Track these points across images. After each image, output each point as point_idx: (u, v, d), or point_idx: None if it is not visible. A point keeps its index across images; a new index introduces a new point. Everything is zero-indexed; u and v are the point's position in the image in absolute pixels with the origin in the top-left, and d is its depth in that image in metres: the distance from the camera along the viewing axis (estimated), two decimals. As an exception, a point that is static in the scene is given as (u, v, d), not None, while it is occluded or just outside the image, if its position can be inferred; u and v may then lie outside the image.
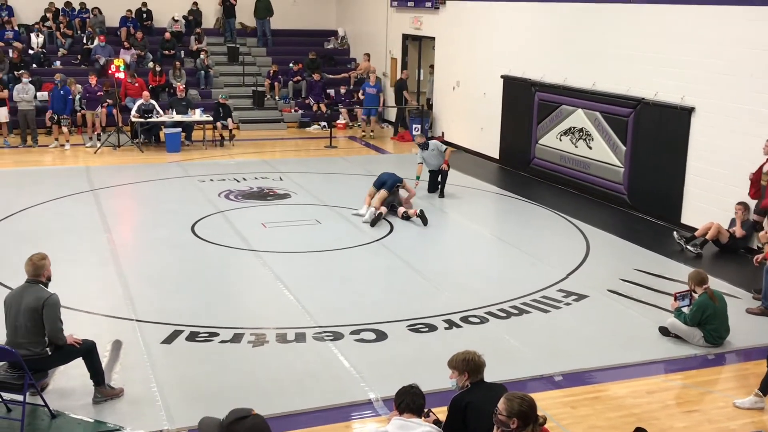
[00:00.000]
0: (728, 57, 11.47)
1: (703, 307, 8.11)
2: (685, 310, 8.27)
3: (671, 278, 10.17)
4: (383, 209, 12.67)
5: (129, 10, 23.44)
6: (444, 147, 14.64)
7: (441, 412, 5.69)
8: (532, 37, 16.10)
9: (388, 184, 12.99)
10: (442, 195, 14.37)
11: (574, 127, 14.88)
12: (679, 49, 12.35)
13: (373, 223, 12.35)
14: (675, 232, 11.70)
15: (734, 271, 10.52)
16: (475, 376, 5.27)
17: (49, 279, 6.71)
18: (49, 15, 22.94)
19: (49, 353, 6.58)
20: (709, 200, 11.89)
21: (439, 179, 14.51)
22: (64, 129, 18.15)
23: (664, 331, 8.43)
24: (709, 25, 11.80)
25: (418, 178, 14.48)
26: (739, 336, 8.42)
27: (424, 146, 14.57)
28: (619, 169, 13.82)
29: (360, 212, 12.80)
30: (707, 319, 8.14)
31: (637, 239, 11.94)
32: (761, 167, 10.65)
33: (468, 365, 5.26)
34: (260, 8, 24.37)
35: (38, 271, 6.60)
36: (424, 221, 12.45)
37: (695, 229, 11.63)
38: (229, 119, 19.10)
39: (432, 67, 20.80)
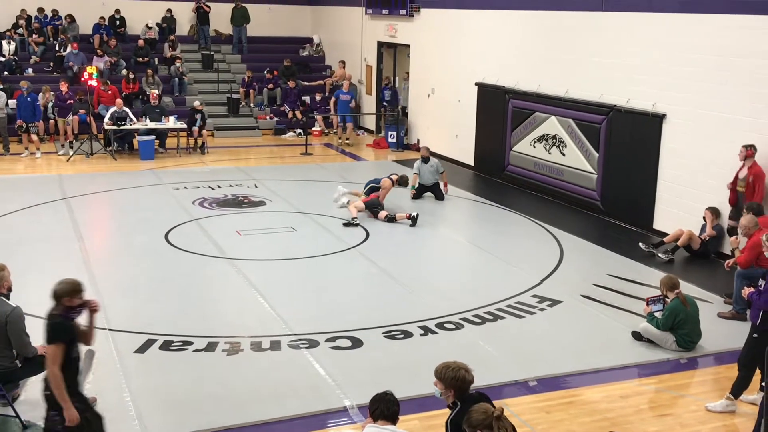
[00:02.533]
0: (699, 64, 11.62)
1: (675, 312, 8.20)
2: (658, 314, 8.36)
3: (644, 283, 10.27)
4: (355, 211, 12.96)
5: (102, 17, 23.31)
6: (442, 168, 14.89)
7: (417, 418, 5.70)
8: (506, 44, 16.22)
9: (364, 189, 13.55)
10: (441, 198, 14.79)
11: (547, 134, 14.99)
12: (650, 57, 12.49)
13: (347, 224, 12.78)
14: (640, 243, 11.73)
15: (706, 276, 10.65)
16: (461, 394, 5.18)
17: (9, 290, 6.56)
18: (21, 22, 22.72)
19: (19, 365, 6.49)
20: (681, 206, 12.02)
21: (432, 193, 14.87)
22: (34, 137, 17.98)
23: (637, 335, 8.51)
24: (679, 33, 11.96)
25: (413, 187, 14.70)
26: (711, 340, 8.52)
27: (425, 159, 14.74)
28: (592, 176, 13.94)
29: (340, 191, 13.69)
30: (679, 324, 8.23)
31: (610, 245, 12.04)
32: (737, 174, 10.76)
33: (456, 383, 5.10)
34: (237, 15, 24.34)
35: None
36: (413, 222, 12.79)
37: (666, 234, 11.73)
38: (204, 130, 19.05)
39: (407, 74, 20.88)
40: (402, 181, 13.82)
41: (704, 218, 11.29)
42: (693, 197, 11.77)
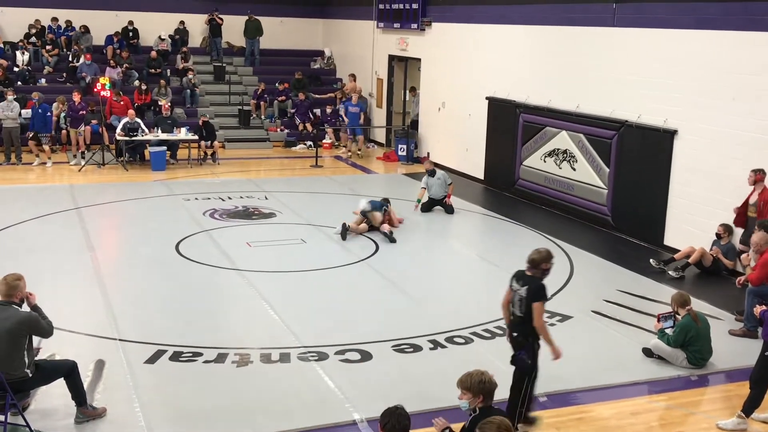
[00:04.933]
0: (710, 80, 11.61)
1: (686, 329, 8.16)
2: (669, 331, 8.32)
3: (654, 299, 10.22)
4: (354, 226, 12.88)
5: (117, 32, 23.49)
6: (450, 180, 14.83)
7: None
8: (516, 59, 16.24)
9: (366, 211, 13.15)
10: (451, 212, 14.65)
11: (558, 149, 14.99)
12: (662, 73, 12.49)
13: (343, 236, 12.62)
14: (651, 260, 11.70)
15: (717, 293, 10.59)
16: (488, 400, 5.19)
17: (22, 301, 6.56)
18: (33, 31, 22.85)
19: (30, 375, 6.51)
20: (692, 222, 11.99)
21: (442, 207, 14.75)
22: (45, 147, 18.09)
23: (648, 352, 8.47)
24: (691, 49, 11.96)
25: (418, 201, 14.69)
26: (722, 357, 8.47)
27: (431, 173, 14.72)
28: (602, 191, 13.92)
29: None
30: (690, 341, 8.19)
31: (621, 260, 12.01)
32: (747, 199, 10.70)
33: (484, 388, 5.17)
34: (250, 28, 24.48)
35: (11, 291, 6.45)
36: (390, 239, 12.64)
37: (677, 251, 11.69)
38: (215, 142, 19.18)
39: (414, 89, 20.93)
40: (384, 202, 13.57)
41: (717, 234, 11.24)
42: (704, 214, 11.73)
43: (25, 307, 6.63)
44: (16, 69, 21.64)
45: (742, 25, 11.10)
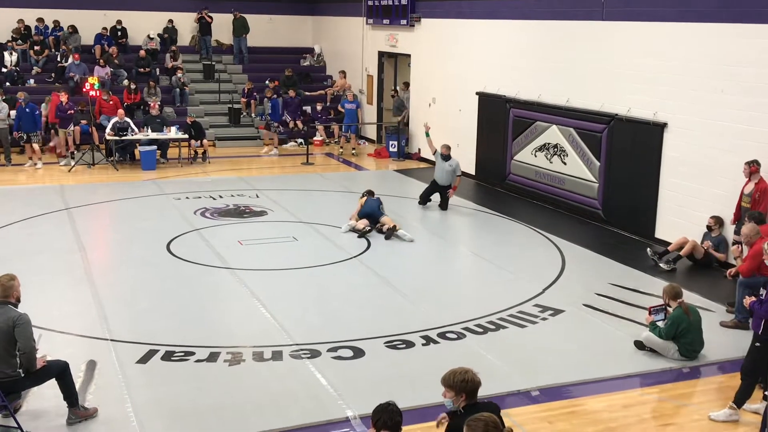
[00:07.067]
0: (699, 73, 11.64)
1: (677, 321, 8.19)
2: (660, 324, 8.34)
3: (646, 292, 10.25)
4: (364, 225, 12.80)
5: (104, 28, 23.39)
6: (460, 171, 14.82)
7: (419, 429, 5.68)
8: (506, 54, 16.25)
9: (375, 215, 13.05)
10: (445, 208, 14.69)
11: (548, 143, 15.01)
12: (651, 66, 12.51)
13: (362, 235, 12.64)
14: (648, 249, 11.79)
15: (708, 285, 10.62)
16: (472, 398, 5.15)
17: (18, 300, 6.62)
18: (17, 34, 22.71)
19: (22, 375, 6.50)
20: (683, 215, 12.02)
21: (439, 198, 14.81)
22: (35, 147, 18.01)
23: (640, 345, 8.49)
24: (680, 42, 11.98)
25: (426, 134, 15.31)
26: (714, 349, 8.50)
27: (445, 157, 14.72)
28: (593, 185, 13.94)
29: (346, 227, 12.89)
30: (682, 333, 8.22)
31: (612, 254, 12.03)
32: (742, 189, 10.73)
33: (467, 386, 5.09)
34: (237, 26, 24.44)
35: (7, 292, 6.52)
36: (385, 236, 12.64)
37: (669, 244, 11.74)
38: (204, 140, 19.11)
39: (406, 84, 20.92)
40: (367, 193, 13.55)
41: (708, 227, 11.28)
42: (695, 206, 11.77)
43: (25, 305, 6.65)
44: (4, 70, 21.54)
45: (730, 17, 11.12)
